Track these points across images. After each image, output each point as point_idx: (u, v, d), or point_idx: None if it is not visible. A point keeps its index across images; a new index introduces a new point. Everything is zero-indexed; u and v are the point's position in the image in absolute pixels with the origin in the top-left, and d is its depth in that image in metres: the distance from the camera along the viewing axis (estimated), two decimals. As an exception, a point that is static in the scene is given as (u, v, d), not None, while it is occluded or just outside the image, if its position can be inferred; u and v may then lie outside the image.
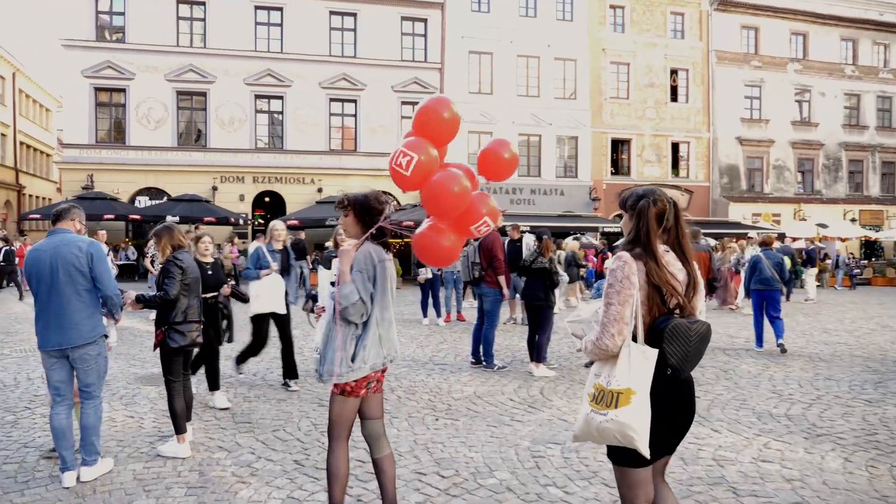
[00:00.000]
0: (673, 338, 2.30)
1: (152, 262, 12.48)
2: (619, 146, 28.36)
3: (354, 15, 25.00)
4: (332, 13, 24.83)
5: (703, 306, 2.54)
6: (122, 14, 23.21)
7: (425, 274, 11.55)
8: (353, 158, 25.03)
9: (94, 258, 3.96)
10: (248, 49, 24.02)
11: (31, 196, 33.93)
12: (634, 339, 2.34)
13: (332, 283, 3.16)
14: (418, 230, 3.19)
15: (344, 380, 2.98)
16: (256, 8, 24.18)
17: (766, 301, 8.86)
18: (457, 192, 2.98)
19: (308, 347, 8.24)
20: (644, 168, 28.20)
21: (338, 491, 3.09)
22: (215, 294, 5.64)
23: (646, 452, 2.26)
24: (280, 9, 24.37)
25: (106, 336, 4.16)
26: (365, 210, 3.11)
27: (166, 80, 23.33)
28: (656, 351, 2.30)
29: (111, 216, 19.85)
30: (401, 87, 25.33)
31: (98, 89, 23.13)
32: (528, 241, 9.78)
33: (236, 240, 21.63)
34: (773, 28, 29.79)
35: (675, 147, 28.69)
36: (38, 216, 21.49)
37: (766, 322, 8.89)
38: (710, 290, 9.92)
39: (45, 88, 37.23)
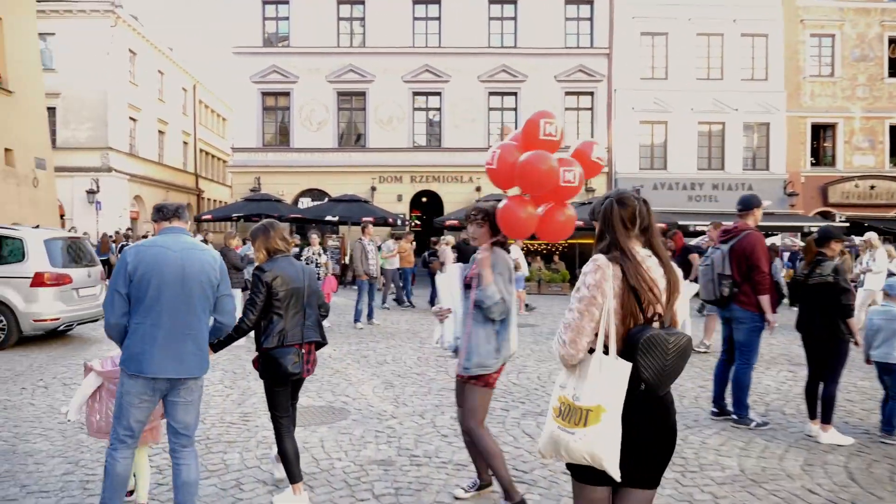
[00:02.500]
0: (648, 350, 2.03)
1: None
2: (820, 132, 24.27)
3: (515, 2, 23.49)
4: (491, 2, 23.53)
5: (686, 316, 2.30)
6: (287, 19, 23.63)
7: None
8: (513, 155, 23.50)
9: (224, 274, 3.27)
10: (406, 46, 23.42)
11: (208, 199, 36.23)
12: (606, 350, 2.08)
13: (467, 286, 3.44)
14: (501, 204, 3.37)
15: (491, 370, 3.33)
16: (414, 3, 23.50)
17: None
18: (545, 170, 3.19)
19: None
20: (853, 156, 23.87)
21: (502, 466, 3.35)
22: None
23: (616, 475, 2.03)
24: (438, 2, 23.48)
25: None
26: (494, 219, 3.42)
27: (327, 81, 23.34)
28: (630, 365, 2.04)
29: (275, 216, 19.93)
30: (564, 76, 23.42)
31: (265, 94, 23.69)
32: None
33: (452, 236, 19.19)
34: None
35: (893, 131, 24.00)
36: (209, 217, 22.29)
37: None
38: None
39: (221, 98, 39.74)
